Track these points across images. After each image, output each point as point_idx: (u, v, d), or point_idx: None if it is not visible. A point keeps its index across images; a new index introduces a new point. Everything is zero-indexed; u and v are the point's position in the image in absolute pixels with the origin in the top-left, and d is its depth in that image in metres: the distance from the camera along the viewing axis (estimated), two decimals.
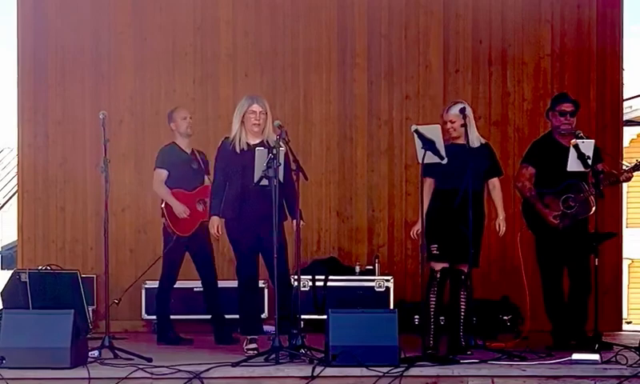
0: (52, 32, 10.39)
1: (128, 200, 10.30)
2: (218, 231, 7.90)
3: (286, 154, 7.62)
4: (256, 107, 7.81)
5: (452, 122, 7.92)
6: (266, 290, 9.42)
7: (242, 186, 7.70)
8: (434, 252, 7.82)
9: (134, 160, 10.37)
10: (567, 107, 8.38)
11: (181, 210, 8.63)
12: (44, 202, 10.35)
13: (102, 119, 7.91)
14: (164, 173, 8.75)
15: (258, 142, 7.76)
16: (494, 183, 8.10)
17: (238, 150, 7.79)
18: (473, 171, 7.70)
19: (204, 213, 8.59)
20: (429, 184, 7.96)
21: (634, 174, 8.30)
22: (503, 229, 8.01)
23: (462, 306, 7.91)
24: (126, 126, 10.40)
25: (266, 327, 8.16)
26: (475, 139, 7.94)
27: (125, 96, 10.44)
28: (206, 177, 8.77)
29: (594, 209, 8.14)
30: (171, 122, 8.88)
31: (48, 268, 9.52)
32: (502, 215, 8.02)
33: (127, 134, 10.37)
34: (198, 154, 8.88)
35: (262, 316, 8.70)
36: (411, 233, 8.03)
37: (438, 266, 7.88)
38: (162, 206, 8.76)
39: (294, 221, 7.72)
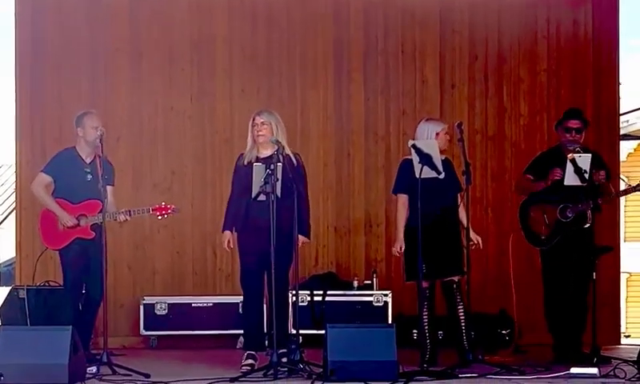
0: (49, 49, 10.40)
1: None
2: (229, 246, 7.90)
3: (301, 168, 7.82)
4: (258, 119, 7.87)
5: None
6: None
7: (250, 199, 7.69)
8: (423, 271, 7.83)
9: (132, 177, 10.37)
10: (573, 124, 8.43)
11: (66, 219, 8.05)
12: None
13: (100, 136, 7.92)
14: (47, 179, 8.23)
15: (269, 154, 7.73)
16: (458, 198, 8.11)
17: (246, 163, 7.83)
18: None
19: (83, 229, 8.10)
20: (403, 201, 8.03)
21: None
22: (479, 241, 8.02)
23: (462, 317, 7.94)
24: (124, 142, 10.40)
25: None
26: None
27: (122, 113, 10.45)
28: (102, 189, 7.87)
29: (589, 220, 8.16)
30: (79, 126, 8.18)
31: (46, 284, 9.51)
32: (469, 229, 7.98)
33: (125, 150, 10.37)
34: (100, 163, 8.04)
35: None
36: (395, 251, 8.09)
37: (425, 284, 7.93)
38: (40, 212, 8.30)
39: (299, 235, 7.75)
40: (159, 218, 8.31)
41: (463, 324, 7.94)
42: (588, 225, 8.19)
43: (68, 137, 8.69)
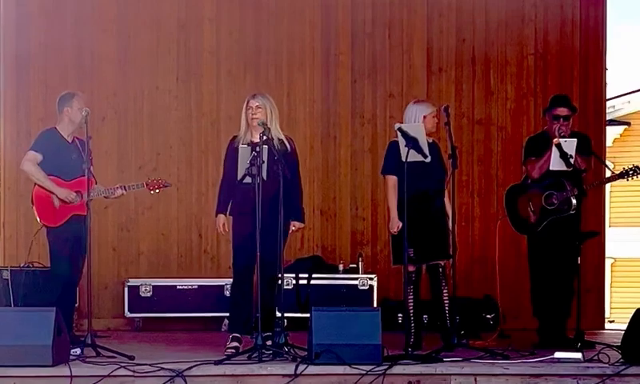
0: (34, 28, 10.34)
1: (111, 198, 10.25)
2: (224, 229, 7.86)
3: (294, 152, 7.80)
4: (252, 102, 7.81)
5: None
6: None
7: (241, 182, 7.63)
8: (411, 256, 7.82)
9: (117, 157, 10.34)
10: (561, 112, 8.35)
11: (65, 193, 8.00)
12: (26, 200, 10.22)
13: (85, 116, 7.87)
14: (38, 157, 8.11)
15: (264, 139, 7.66)
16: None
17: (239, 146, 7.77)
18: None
19: (79, 205, 8.02)
20: (393, 182, 8.03)
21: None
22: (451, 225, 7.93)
23: (446, 301, 7.94)
24: (109, 123, 10.37)
25: None
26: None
27: (108, 93, 10.40)
28: (86, 168, 7.81)
29: (574, 207, 8.15)
30: (66, 106, 8.11)
31: (30, 265, 9.47)
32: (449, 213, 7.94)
33: (110, 131, 10.34)
34: (79, 143, 8.07)
35: None
36: (394, 229, 8.04)
37: (412, 268, 7.93)
38: (33, 191, 8.21)
39: (292, 221, 7.79)
40: (152, 192, 8.35)
41: (447, 308, 7.95)
42: (573, 211, 8.17)
43: (53, 117, 8.65)
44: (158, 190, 8.35)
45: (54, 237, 8.15)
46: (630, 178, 8.17)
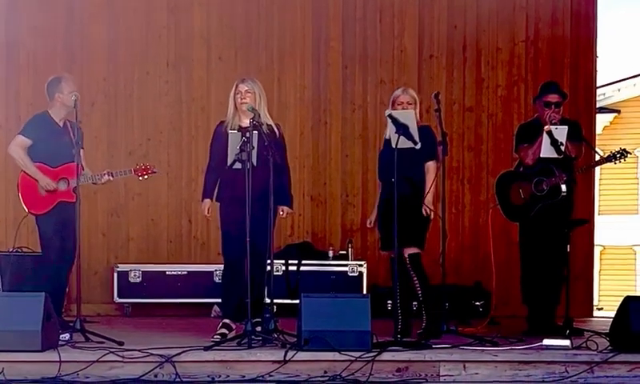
0: (24, 12, 10.29)
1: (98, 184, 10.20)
2: (208, 213, 7.85)
3: (282, 138, 7.79)
4: (242, 87, 7.79)
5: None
6: None
7: (230, 168, 7.62)
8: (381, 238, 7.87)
9: (107, 143, 10.31)
10: (552, 98, 8.32)
11: (46, 182, 7.97)
12: (15, 184, 10.24)
13: (75, 101, 7.84)
14: (26, 142, 8.06)
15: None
16: (428, 166, 7.95)
17: (229, 131, 7.75)
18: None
19: (65, 192, 7.99)
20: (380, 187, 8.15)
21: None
22: (429, 211, 7.82)
23: (418, 291, 7.88)
24: (99, 108, 10.34)
25: None
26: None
27: (98, 78, 10.37)
28: (76, 153, 7.79)
29: (562, 193, 8.14)
30: (57, 91, 8.05)
31: (19, 250, 9.44)
32: (429, 197, 7.85)
33: (99, 116, 10.30)
34: (70, 127, 8.01)
35: None
36: (367, 223, 8.21)
37: (392, 254, 7.91)
38: (19, 177, 8.18)
39: (281, 206, 7.79)
40: (140, 178, 8.31)
41: (421, 298, 7.89)
42: (563, 195, 8.16)
43: (43, 102, 8.63)
44: (146, 176, 8.32)
45: (42, 223, 8.12)
46: (617, 161, 8.18)
